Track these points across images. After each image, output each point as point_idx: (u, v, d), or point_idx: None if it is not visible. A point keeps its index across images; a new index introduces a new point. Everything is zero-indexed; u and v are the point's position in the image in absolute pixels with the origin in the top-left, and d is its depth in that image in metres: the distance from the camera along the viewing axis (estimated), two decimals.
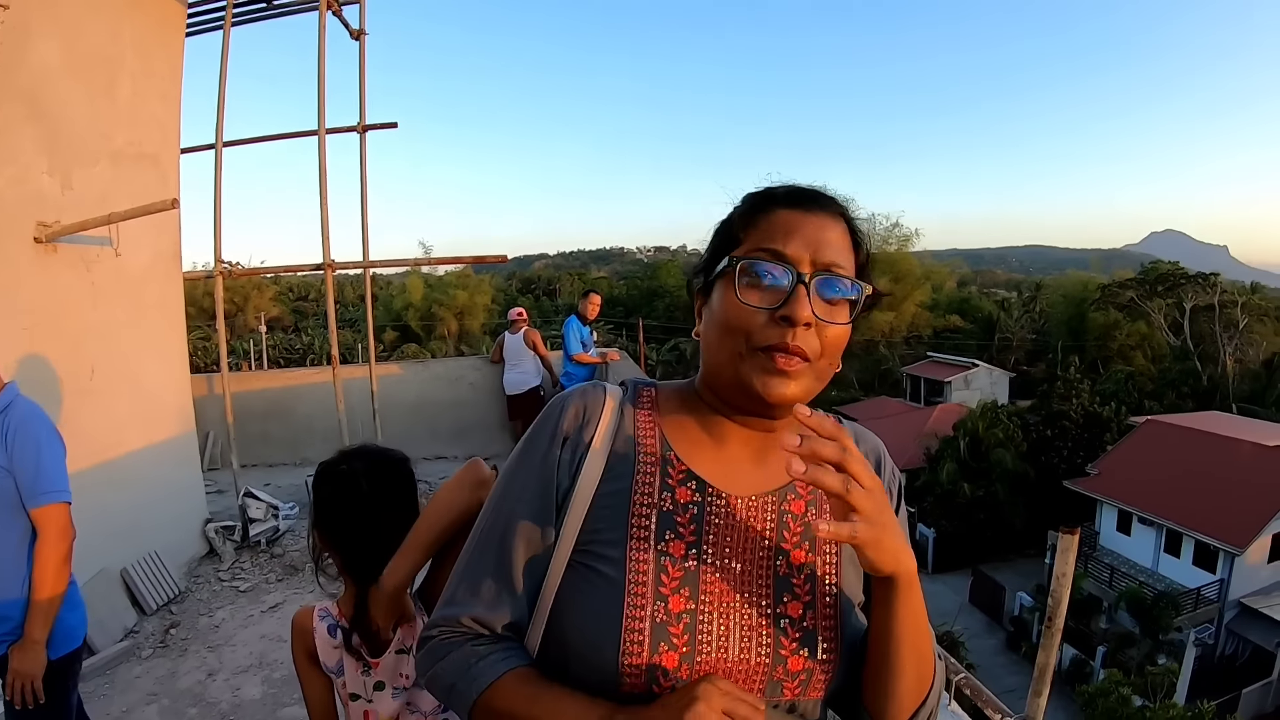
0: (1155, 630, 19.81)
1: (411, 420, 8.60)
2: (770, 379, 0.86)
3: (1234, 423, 26.49)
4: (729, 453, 0.97)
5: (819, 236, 0.89)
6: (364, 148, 6.95)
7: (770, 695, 0.89)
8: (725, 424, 0.97)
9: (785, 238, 0.88)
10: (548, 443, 0.98)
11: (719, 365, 0.92)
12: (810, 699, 0.91)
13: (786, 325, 0.85)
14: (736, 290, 0.88)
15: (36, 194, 3.95)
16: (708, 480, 0.94)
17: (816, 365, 0.88)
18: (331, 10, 6.30)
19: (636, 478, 0.94)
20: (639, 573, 0.88)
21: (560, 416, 0.99)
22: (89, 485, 4.25)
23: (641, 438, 0.98)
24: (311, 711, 1.65)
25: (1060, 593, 2.35)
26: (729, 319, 0.89)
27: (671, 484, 0.94)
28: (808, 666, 0.90)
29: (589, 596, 0.90)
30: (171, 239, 5.41)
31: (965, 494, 26.62)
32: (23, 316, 3.83)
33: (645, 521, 0.91)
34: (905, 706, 0.90)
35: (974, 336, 47.97)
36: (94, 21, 4.49)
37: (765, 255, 0.88)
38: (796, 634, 0.90)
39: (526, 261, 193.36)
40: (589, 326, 7.51)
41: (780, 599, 0.91)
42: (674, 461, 0.95)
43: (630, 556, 0.89)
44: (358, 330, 34.99)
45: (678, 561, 0.90)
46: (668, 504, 0.92)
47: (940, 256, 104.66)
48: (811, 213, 0.91)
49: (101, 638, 4.10)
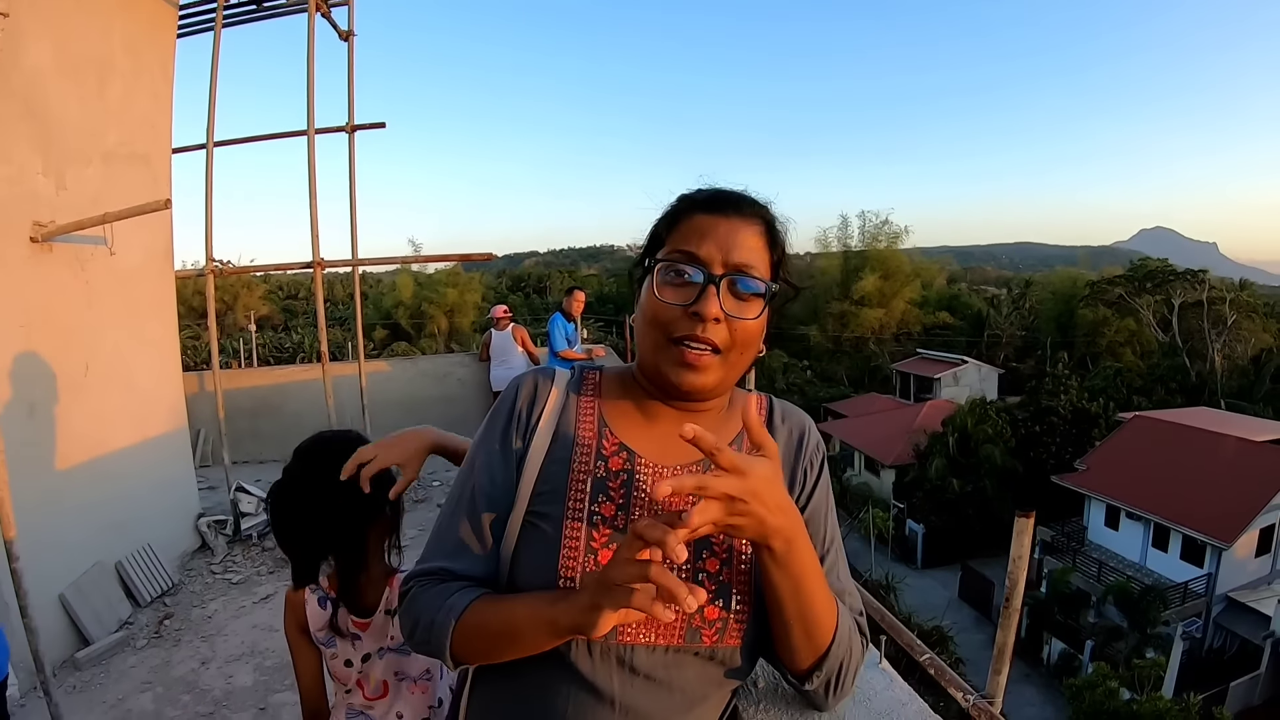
0: (1143, 624, 19.90)
1: (400, 416, 8.65)
2: (682, 371, 0.99)
3: (1222, 418, 26.60)
4: (660, 429, 1.10)
5: (731, 239, 0.99)
6: (353, 147, 7.04)
7: (690, 642, 0.99)
8: (658, 405, 1.10)
9: (699, 240, 0.99)
10: (505, 420, 1.12)
11: (644, 353, 1.06)
12: (728, 646, 1.01)
13: (697, 320, 0.97)
14: (655, 288, 1.00)
15: (31, 194, 4.03)
16: (638, 451, 1.07)
17: (728, 356, 1.00)
18: (320, 12, 6.38)
19: (575, 448, 1.07)
20: (573, 529, 1.01)
21: (516, 397, 1.14)
22: (83, 480, 4.35)
23: (582, 415, 1.11)
24: (302, 683, 1.75)
25: (1016, 574, 2.45)
26: (650, 312, 1.01)
27: (606, 454, 1.07)
28: (722, 615, 1.00)
29: (532, 550, 1.02)
30: (164, 238, 5.49)
31: (954, 490, 26.77)
32: (18, 314, 3.91)
33: (581, 487, 1.04)
34: (802, 659, 1.01)
35: (963, 333, 48.09)
36: (85, 23, 4.56)
37: (680, 256, 0.99)
38: (712, 586, 1.01)
39: (517, 259, 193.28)
40: (574, 323, 7.59)
41: (700, 555, 1.02)
42: (609, 435, 1.09)
43: (567, 517, 1.02)
44: (348, 328, 34.95)
45: (608, 520, 1.02)
46: (601, 471, 1.05)
47: (929, 253, 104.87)
48: (727, 216, 1.01)
49: (97, 629, 4.19)
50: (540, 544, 1.01)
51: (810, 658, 1.01)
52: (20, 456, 3.57)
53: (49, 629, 3.76)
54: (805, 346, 48.60)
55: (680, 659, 0.99)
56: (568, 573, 0.98)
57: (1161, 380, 37.58)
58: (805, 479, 1.12)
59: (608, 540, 1.01)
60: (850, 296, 47.79)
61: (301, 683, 1.75)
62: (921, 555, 27.75)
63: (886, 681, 1.54)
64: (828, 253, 51.31)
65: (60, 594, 4.07)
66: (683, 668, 1.00)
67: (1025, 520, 2.26)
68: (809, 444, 1.15)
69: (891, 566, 25.51)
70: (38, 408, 4.03)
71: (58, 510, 4.10)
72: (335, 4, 6.73)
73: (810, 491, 1.12)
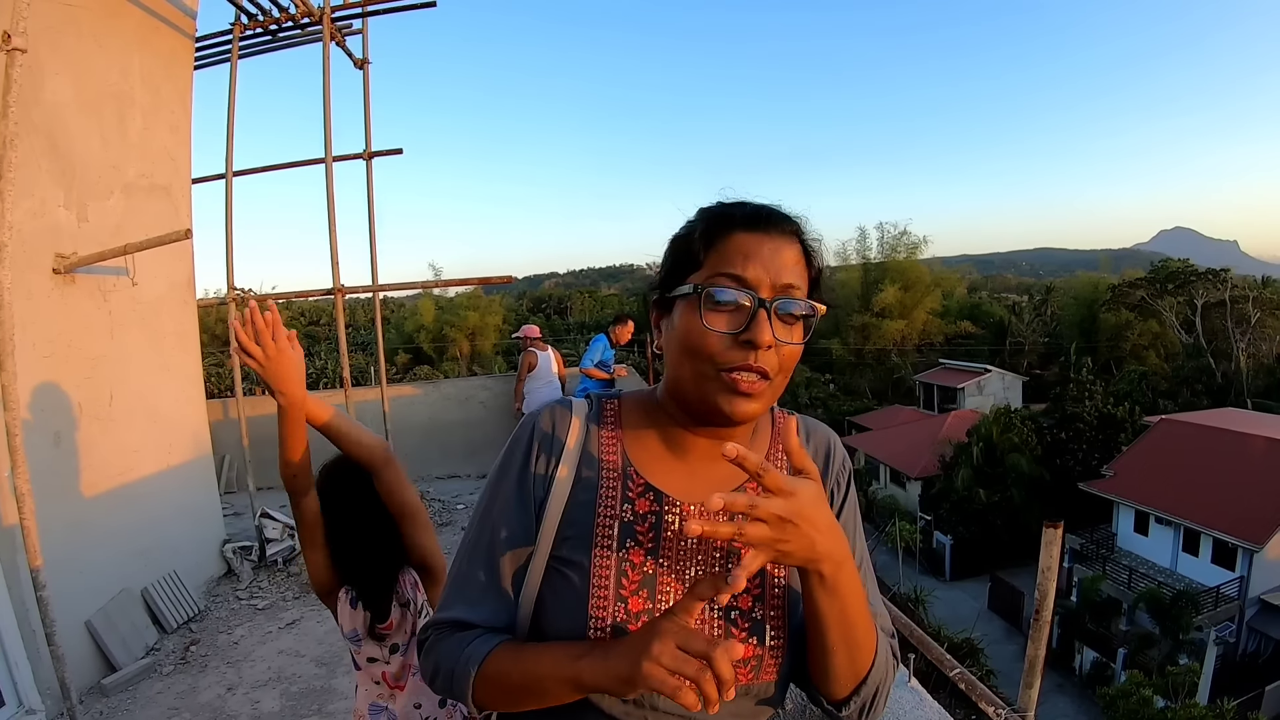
0: (1175, 630, 19.59)
1: (424, 441, 8.72)
2: (735, 400, 0.93)
3: (1249, 419, 26.20)
4: (688, 463, 1.06)
5: (776, 260, 0.94)
6: (370, 173, 7.11)
7: None
8: (685, 434, 1.05)
9: (745, 262, 0.93)
10: (522, 460, 1.06)
11: (683, 382, 0.99)
12: (763, 681, 0.99)
13: (749, 349, 0.92)
14: (701, 315, 0.93)
15: (54, 226, 4.08)
16: (665, 491, 1.03)
17: (774, 382, 0.95)
18: (335, 41, 6.46)
19: (600, 491, 1.03)
20: (602, 577, 0.98)
21: (532, 435, 1.08)
22: (109, 508, 4.39)
23: (604, 453, 1.06)
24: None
25: (1046, 586, 2.42)
26: (693, 342, 0.94)
27: (632, 496, 1.03)
28: (757, 653, 0.98)
29: (559, 597, 0.99)
30: (185, 267, 5.55)
31: (981, 500, 26.49)
32: (43, 345, 3.95)
33: (608, 531, 1.00)
34: (843, 685, 0.98)
35: (985, 342, 47.80)
36: (104, 58, 4.63)
37: (728, 281, 0.93)
38: (746, 624, 0.99)
39: (536, 281, 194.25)
40: (614, 350, 7.54)
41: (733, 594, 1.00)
42: (634, 475, 1.04)
43: (595, 563, 0.99)
44: (370, 353, 35.13)
45: (637, 567, 0.99)
46: (628, 515, 1.02)
47: (949, 263, 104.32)
48: (769, 235, 0.96)
49: (123, 655, 4.20)
50: (568, 591, 0.99)
51: (851, 683, 0.98)
52: (46, 485, 3.60)
53: (75, 655, 3.78)
54: (828, 360, 48.49)
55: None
56: (598, 622, 0.96)
57: (1187, 382, 37.17)
58: (833, 498, 1.10)
59: (637, 587, 0.98)
60: (871, 309, 47.62)
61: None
62: (950, 567, 27.44)
63: (916, 700, 1.52)
64: (847, 265, 51.12)
65: (87, 620, 4.09)
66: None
67: (1054, 531, 2.22)
68: (835, 461, 1.13)
69: (920, 579, 25.24)
70: (63, 437, 4.07)
71: (84, 538, 4.13)
72: (349, 33, 6.82)
73: (839, 510, 1.09)
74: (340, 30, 6.66)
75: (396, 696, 1.85)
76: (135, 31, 4.95)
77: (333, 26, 6.35)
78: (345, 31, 6.75)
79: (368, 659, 1.82)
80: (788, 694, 1.34)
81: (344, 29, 6.73)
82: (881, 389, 45.81)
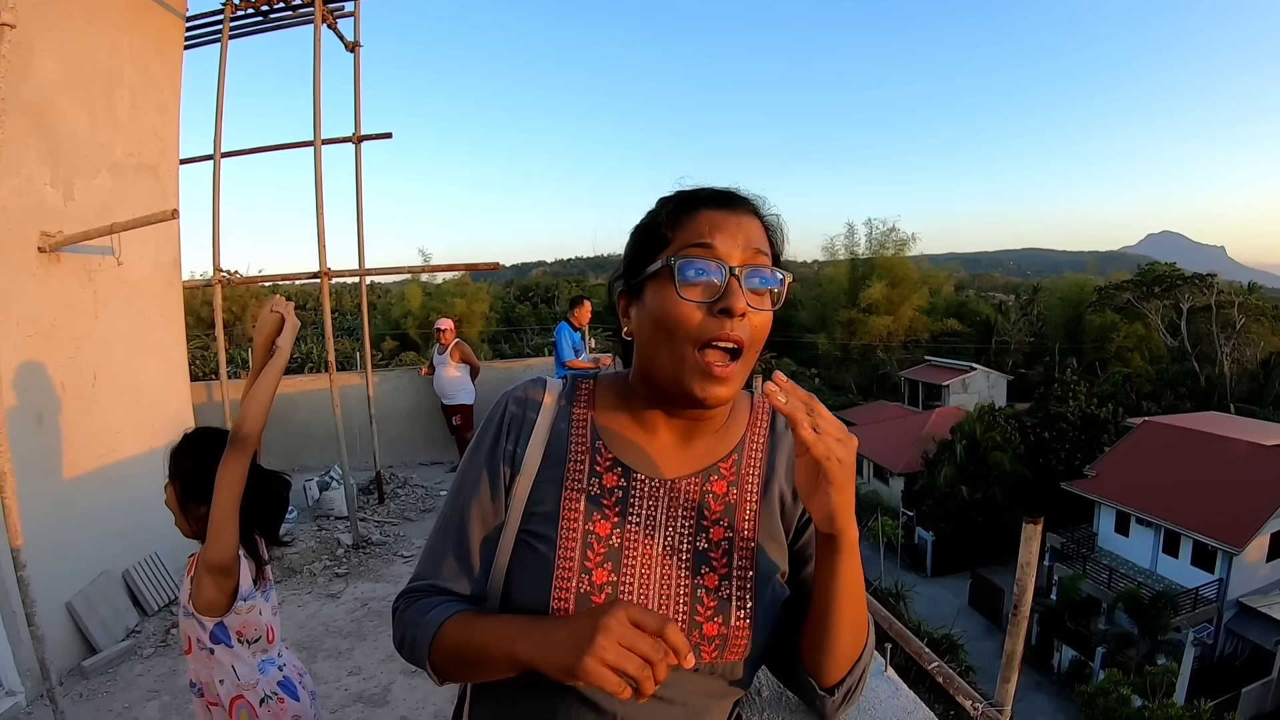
0: (1154, 630, 19.82)
1: (408, 426, 8.70)
2: (708, 384, 0.95)
3: (1231, 423, 26.52)
4: (658, 440, 1.07)
5: (742, 232, 0.97)
6: (359, 158, 7.05)
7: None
8: (655, 415, 1.06)
9: (714, 233, 0.95)
10: (493, 437, 1.10)
11: (657, 365, 0.99)
12: (728, 661, 1.00)
13: (725, 317, 0.92)
14: (676, 287, 0.93)
15: (39, 205, 4.04)
16: (632, 466, 1.05)
17: (746, 357, 0.96)
18: (327, 23, 6.41)
19: (568, 465, 1.05)
20: (568, 549, 1.00)
21: (504, 413, 1.11)
22: (90, 489, 4.36)
23: (575, 430, 1.08)
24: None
25: (1025, 581, 2.43)
26: (668, 316, 0.95)
27: (600, 470, 1.05)
28: (722, 632, 0.99)
29: (526, 569, 1.01)
30: (171, 248, 5.51)
31: (963, 497, 26.70)
32: (27, 324, 3.92)
33: (575, 504, 1.02)
34: (841, 665, 1.00)
35: (971, 340, 48.00)
36: (93, 36, 4.58)
37: (699, 251, 0.95)
38: (712, 603, 1.00)
39: (524, 269, 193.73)
40: (580, 333, 7.58)
41: (699, 571, 1.01)
42: (602, 450, 1.06)
43: (561, 535, 1.01)
44: (356, 338, 35.00)
45: (603, 539, 1.01)
46: (595, 488, 1.04)
47: (937, 260, 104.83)
48: (734, 211, 0.99)
49: (104, 637, 4.19)
50: (535, 564, 1.01)
51: (847, 664, 1.00)
52: (28, 465, 3.57)
53: (56, 637, 3.77)
54: (813, 355, 48.58)
55: (680, 674, 0.95)
56: (562, 593, 0.97)
57: (1170, 385, 37.44)
58: None
59: (602, 559, 1.00)
60: (858, 304, 47.75)
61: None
62: (931, 563, 27.65)
63: (892, 689, 1.53)
64: (835, 261, 51.16)
65: (67, 602, 4.08)
66: (683, 683, 0.99)
67: (1033, 526, 2.23)
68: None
69: (901, 574, 25.43)
70: (45, 417, 4.04)
71: (65, 519, 4.11)
72: (341, 15, 6.76)
73: None
74: (332, 13, 6.59)
75: (274, 648, 2.01)
76: (126, 10, 4.89)
77: (325, 9, 6.29)
78: (337, 14, 6.69)
79: (258, 613, 1.96)
80: (765, 681, 1.36)
81: (336, 11, 6.67)
82: (867, 384, 45.99)
